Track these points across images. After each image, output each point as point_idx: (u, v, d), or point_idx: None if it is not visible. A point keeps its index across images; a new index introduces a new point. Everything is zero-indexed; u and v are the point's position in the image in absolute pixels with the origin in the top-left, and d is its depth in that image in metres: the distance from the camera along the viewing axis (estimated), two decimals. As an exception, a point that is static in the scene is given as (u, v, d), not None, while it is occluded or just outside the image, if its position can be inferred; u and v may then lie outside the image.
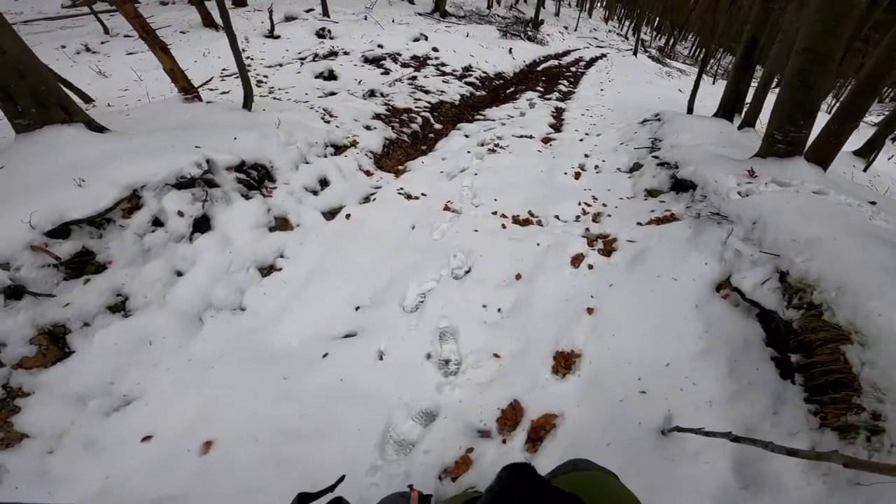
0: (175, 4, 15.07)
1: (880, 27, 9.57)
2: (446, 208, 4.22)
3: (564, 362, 2.53)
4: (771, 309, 2.31)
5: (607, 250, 3.38)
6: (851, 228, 2.48)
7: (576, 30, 23.42)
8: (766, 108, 7.36)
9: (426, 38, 9.74)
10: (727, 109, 6.34)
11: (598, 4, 35.28)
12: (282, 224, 3.66)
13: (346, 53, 8.80)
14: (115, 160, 3.10)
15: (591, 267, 3.19)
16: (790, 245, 2.44)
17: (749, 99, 7.12)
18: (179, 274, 3.05)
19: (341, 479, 0.95)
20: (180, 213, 3.18)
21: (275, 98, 6.21)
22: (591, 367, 2.50)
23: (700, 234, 3.08)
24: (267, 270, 3.34)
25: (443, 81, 8.19)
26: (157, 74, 6.17)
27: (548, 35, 17.22)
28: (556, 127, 6.99)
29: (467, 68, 9.35)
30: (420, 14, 16.92)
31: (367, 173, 4.87)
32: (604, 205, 4.32)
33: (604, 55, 16.92)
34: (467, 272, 3.24)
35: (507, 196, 4.39)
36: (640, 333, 2.55)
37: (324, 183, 4.30)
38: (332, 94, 6.62)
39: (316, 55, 8.65)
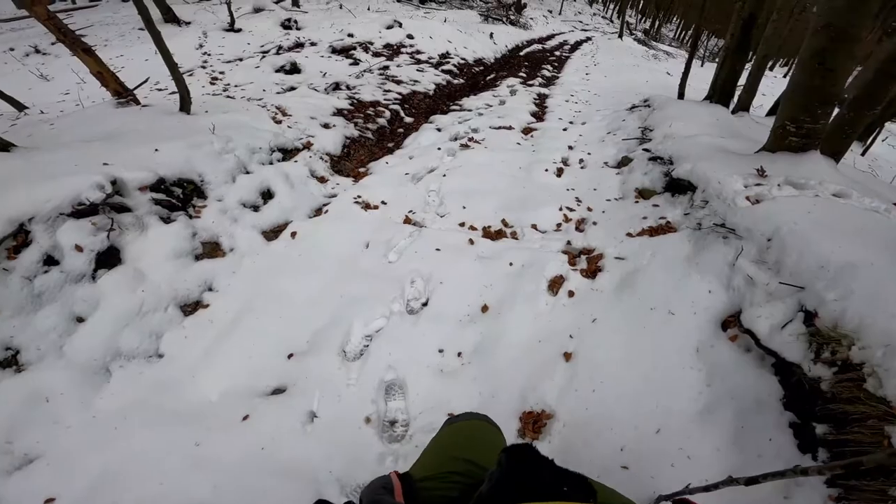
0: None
1: None
2: (407, 221, 3.64)
3: (533, 425, 1.99)
4: (792, 361, 1.78)
5: (591, 270, 2.83)
6: (893, 249, 1.94)
7: (560, 13, 22.59)
8: (759, 91, 6.83)
9: (400, 26, 9.04)
10: (722, 94, 5.76)
11: (584, -14, 34.26)
12: (211, 250, 3.07)
13: (313, 44, 8.10)
14: (3, 187, 2.51)
15: (571, 294, 2.63)
16: (817, 273, 1.90)
17: (742, 82, 6.54)
18: (80, 320, 2.48)
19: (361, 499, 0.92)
20: (78, 248, 2.58)
21: (228, 97, 5.56)
22: (564, 430, 1.96)
23: (702, 250, 2.53)
24: (191, 308, 2.76)
25: (417, 70, 7.53)
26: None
27: (531, 19, 16.45)
28: (539, 115, 6.38)
29: (444, 55, 8.67)
30: (398, 1, 16.07)
31: (322, 180, 4.27)
32: (589, 209, 3.76)
33: (589, 39, 16.19)
34: (424, 305, 2.67)
35: (478, 201, 3.81)
36: (627, 387, 2.01)
37: (267, 195, 3.70)
38: (292, 88, 5.97)
39: (280, 48, 7.95)
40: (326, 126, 4.88)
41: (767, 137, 3.34)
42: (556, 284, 2.73)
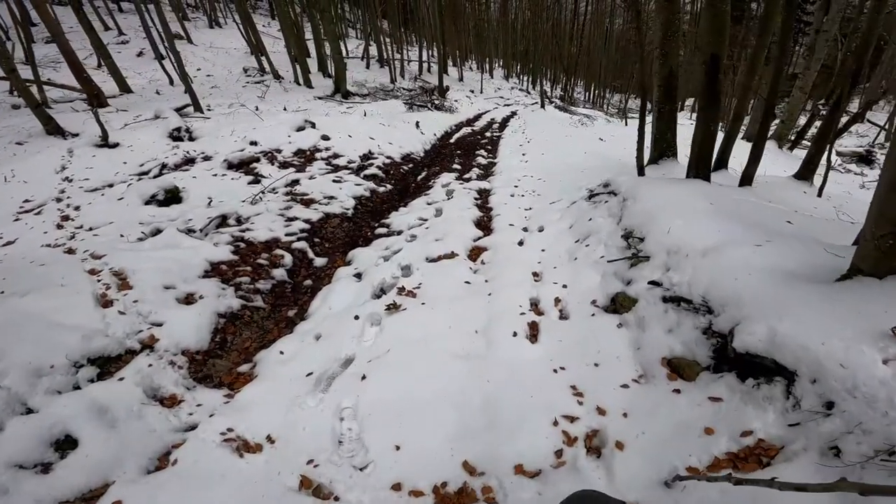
0: (27, 108, 12.26)
1: None
2: (306, 484, 1.97)
3: None
4: None
5: None
6: None
7: (482, 92, 22.84)
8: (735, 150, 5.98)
9: (313, 126, 7.75)
10: (700, 161, 4.66)
11: (497, 64, 36.05)
12: None
13: (206, 159, 6.56)
14: None
15: None
16: None
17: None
18: None
19: None
20: None
21: (69, 251, 3.81)
22: None
23: None
24: None
25: (334, 181, 6.12)
26: None
27: (455, 101, 16.05)
28: (485, 224, 5.04)
29: (367, 156, 7.39)
30: (320, 98, 15.18)
31: (172, 401, 2.55)
32: (599, 410, 2.25)
33: (514, 113, 15.90)
34: None
35: (419, 431, 2.21)
36: None
37: (66, 444, 1.93)
38: (158, 231, 4.29)
39: (163, 166, 6.33)
40: (188, 300, 3.20)
41: (856, 251, 2.05)
42: None
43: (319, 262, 4.31)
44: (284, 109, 11.73)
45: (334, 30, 14.96)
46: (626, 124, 11.30)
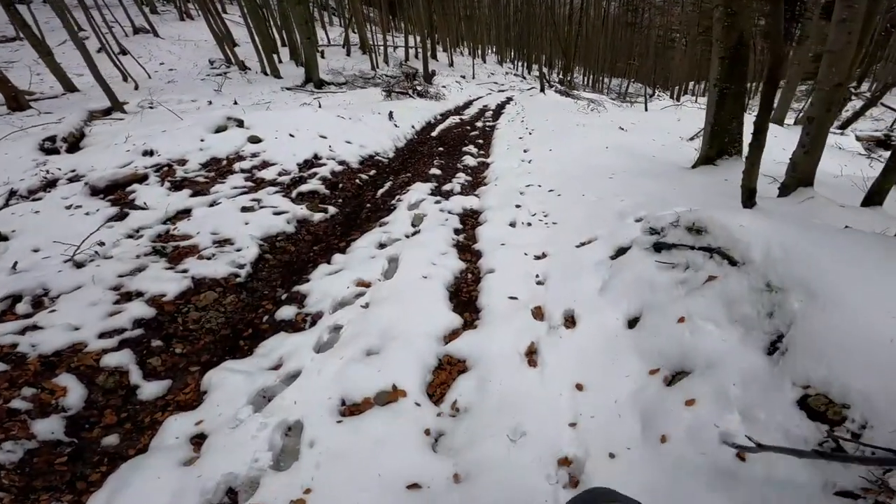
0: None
1: None
2: None
3: None
4: None
5: None
6: None
7: (473, 77, 20.31)
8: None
9: (240, 124, 5.49)
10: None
11: (490, 50, 33.18)
12: None
13: (73, 180, 4.36)
14: None
15: None
16: None
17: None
18: None
19: None
20: None
21: None
22: None
23: None
24: None
25: (244, 208, 3.91)
26: None
27: (443, 87, 13.65)
28: (466, 294, 2.85)
29: (310, 163, 5.14)
30: (288, 88, 12.81)
31: None
32: None
33: (510, 99, 13.51)
34: None
35: None
36: None
37: None
38: None
39: (13, 193, 4.15)
40: None
41: None
42: None
43: (151, 390, 2.14)
44: (235, 103, 9.43)
45: (302, 13, 12.50)
46: (647, 109, 8.99)
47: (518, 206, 4.00)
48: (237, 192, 4.31)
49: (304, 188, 4.53)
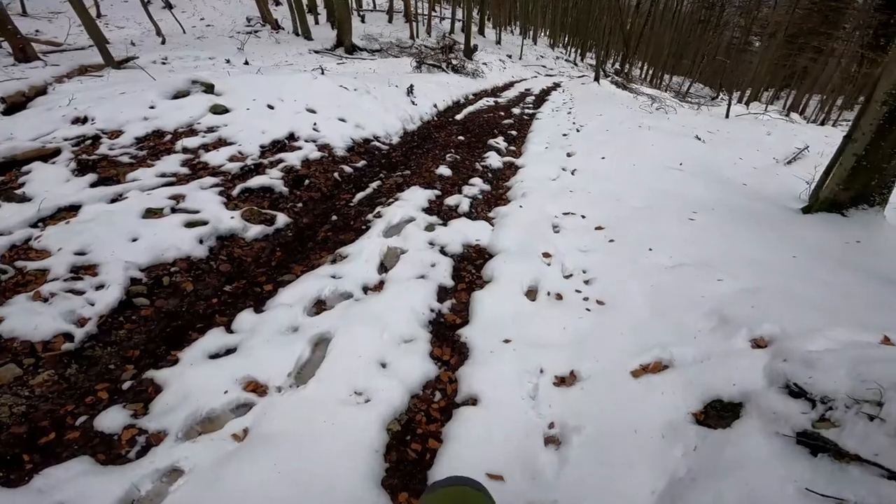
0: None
1: None
2: None
3: None
4: None
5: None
6: None
7: (521, 58, 18.21)
8: None
9: (209, 90, 4.16)
10: None
11: (542, 32, 30.33)
12: None
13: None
14: None
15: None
16: None
17: None
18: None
19: None
20: None
21: None
22: None
23: None
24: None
25: (150, 211, 2.62)
26: None
27: (483, 65, 11.85)
28: (419, 442, 1.48)
29: (278, 145, 3.77)
30: (316, 51, 11.38)
31: None
32: None
33: (557, 85, 11.60)
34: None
35: None
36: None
37: None
38: None
39: None
40: None
41: None
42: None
43: None
44: (246, 63, 8.12)
45: (338, -33, 10.92)
46: (727, 116, 7.01)
47: (547, 257, 2.50)
48: (160, 183, 3.00)
49: (253, 182, 3.18)
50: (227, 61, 9.07)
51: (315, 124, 4.24)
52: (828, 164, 3.65)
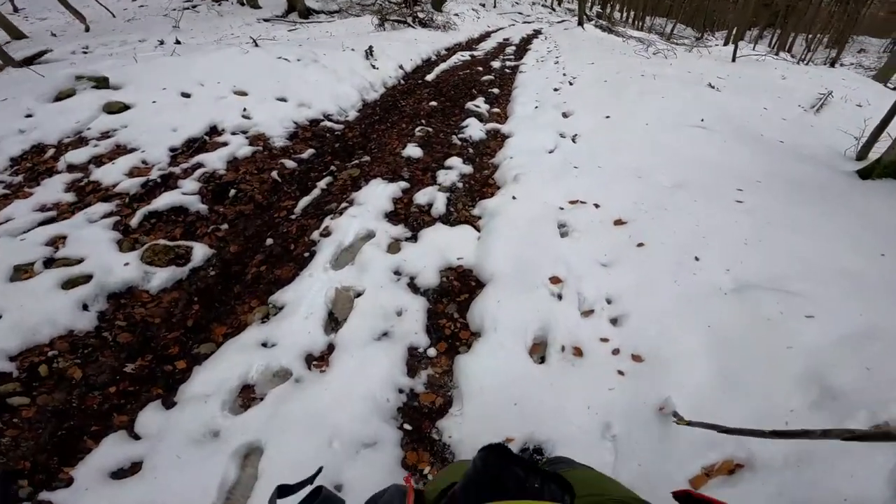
0: None
1: None
2: None
3: None
4: None
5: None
6: None
7: (495, 6, 16.57)
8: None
9: (101, 85, 3.13)
10: None
11: (516, -25, 27.79)
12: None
13: None
14: None
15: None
16: None
17: None
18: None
19: (319, 470, 0.70)
20: None
21: None
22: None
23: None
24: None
25: (18, 270, 1.82)
26: None
27: (455, 16, 10.51)
28: None
29: (194, 144, 2.85)
30: (265, 20, 9.97)
31: None
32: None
33: (538, 32, 10.37)
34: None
35: None
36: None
37: None
38: None
39: None
40: None
41: None
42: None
43: None
44: (177, 42, 6.91)
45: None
46: (734, 59, 5.97)
47: (555, 283, 1.75)
48: (35, 221, 2.19)
49: (160, 202, 2.35)
50: (161, 42, 7.83)
51: (245, 110, 3.33)
52: (883, 117, 2.88)
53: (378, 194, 2.52)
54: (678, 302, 1.58)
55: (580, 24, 10.16)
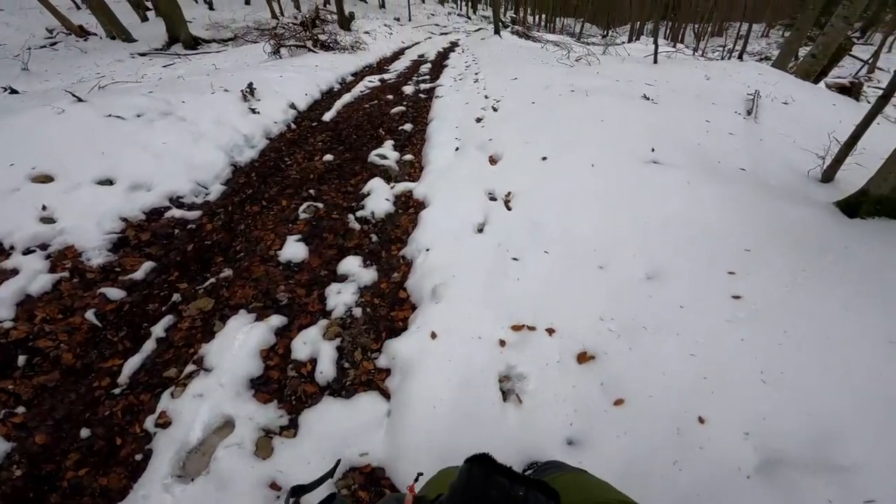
0: None
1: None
2: None
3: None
4: None
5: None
6: None
7: (410, 20, 15.88)
8: None
9: None
10: None
11: (429, -14, 27.40)
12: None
13: None
14: None
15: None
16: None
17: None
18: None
19: (337, 464, 0.73)
20: None
21: None
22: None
23: None
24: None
25: None
26: None
27: (365, 34, 9.59)
28: None
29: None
30: (142, 54, 8.44)
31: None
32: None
33: (455, 44, 9.77)
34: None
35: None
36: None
37: None
38: None
39: None
40: None
41: None
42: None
43: None
44: (12, 92, 5.42)
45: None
46: (656, 61, 5.61)
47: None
48: None
49: None
50: (7, 89, 6.23)
51: (45, 209, 2.24)
52: (852, 133, 2.40)
53: (239, 347, 1.59)
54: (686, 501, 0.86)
55: (497, 32, 9.66)
